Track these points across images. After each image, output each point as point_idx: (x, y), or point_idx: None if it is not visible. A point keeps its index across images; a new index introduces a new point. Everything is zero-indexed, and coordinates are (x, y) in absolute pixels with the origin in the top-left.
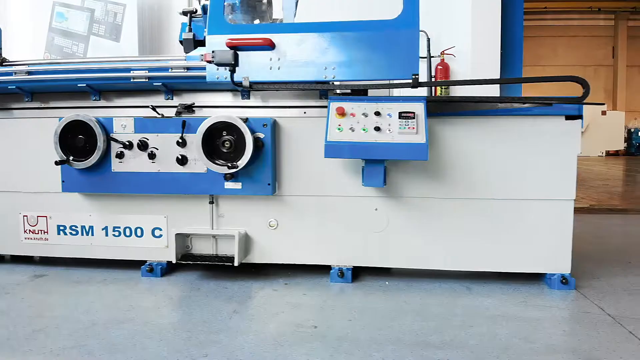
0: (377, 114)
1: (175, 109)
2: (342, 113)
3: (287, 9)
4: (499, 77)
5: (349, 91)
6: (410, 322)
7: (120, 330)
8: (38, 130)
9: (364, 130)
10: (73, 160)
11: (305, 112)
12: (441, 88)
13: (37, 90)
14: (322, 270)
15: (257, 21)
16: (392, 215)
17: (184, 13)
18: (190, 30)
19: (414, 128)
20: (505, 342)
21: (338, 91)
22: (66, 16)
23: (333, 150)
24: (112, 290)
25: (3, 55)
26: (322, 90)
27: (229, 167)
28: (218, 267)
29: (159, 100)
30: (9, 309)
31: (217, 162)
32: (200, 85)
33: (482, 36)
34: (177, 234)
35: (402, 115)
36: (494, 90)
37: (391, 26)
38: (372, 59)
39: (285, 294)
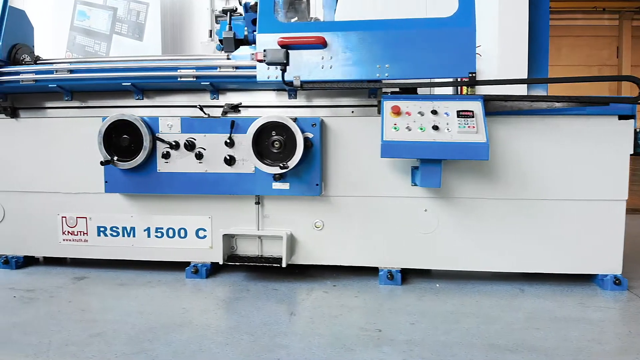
0: (434, 112)
1: (219, 109)
2: (397, 112)
3: (328, 7)
4: (544, 77)
5: (397, 90)
6: (474, 324)
7: (180, 334)
8: (77, 129)
9: (421, 129)
10: (117, 160)
11: (352, 112)
12: (467, 87)
13: (78, 89)
14: (368, 272)
15: (294, 20)
16: (442, 216)
17: (224, 12)
18: (230, 29)
19: (473, 127)
20: (577, 344)
21: (387, 90)
22: (88, 14)
23: (390, 149)
24: (160, 293)
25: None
26: (371, 89)
27: (281, 167)
28: (262, 268)
29: (204, 99)
30: (59, 313)
31: (266, 162)
32: (246, 84)
33: (509, 35)
34: (224, 235)
35: (460, 114)
36: (520, 90)
37: (447, 24)
38: (428, 57)
39: (337, 296)
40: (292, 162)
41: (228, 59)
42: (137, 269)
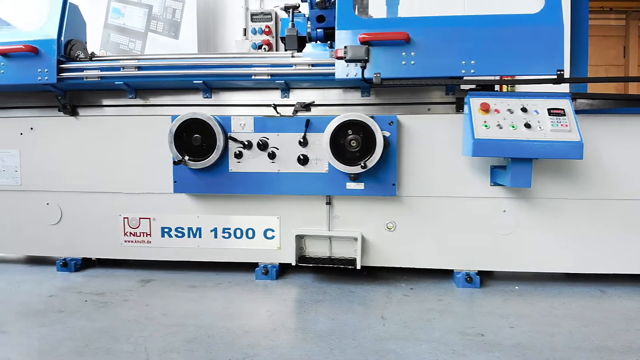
0: (524, 110)
1: (289, 108)
2: (486, 109)
3: (391, 4)
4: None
5: (474, 86)
6: (574, 327)
7: (278, 338)
8: (141, 128)
9: (512, 127)
10: (189, 160)
11: (429, 109)
12: (507, 86)
13: (145, 87)
14: (438, 274)
15: None
16: (522, 216)
17: (286, 8)
18: (293, 26)
19: (566, 125)
20: None
21: (465, 87)
22: (122, 12)
23: (481, 148)
24: (237, 295)
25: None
26: (449, 86)
27: (362, 167)
28: (329, 270)
29: (274, 97)
30: (141, 318)
31: (342, 161)
32: (319, 82)
33: None
34: (296, 235)
35: (551, 112)
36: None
37: (534, 20)
38: (515, 54)
39: (420, 300)
40: (372, 162)
41: (292, 57)
42: (200, 270)
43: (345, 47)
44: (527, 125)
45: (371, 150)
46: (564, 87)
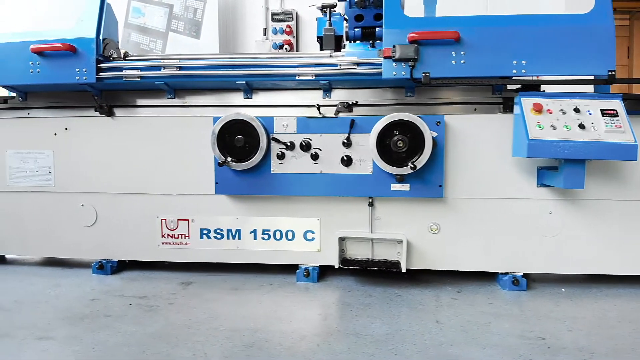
0: (577, 110)
1: (331, 108)
2: (539, 110)
3: (429, 4)
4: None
5: (519, 86)
6: (632, 329)
7: (339, 342)
8: (180, 129)
9: (566, 128)
10: (232, 161)
11: (475, 109)
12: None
13: (185, 87)
14: (482, 276)
15: None
16: (568, 218)
17: (323, 7)
18: (330, 25)
19: (620, 126)
20: None
21: (511, 86)
22: (143, 11)
23: (536, 149)
24: (282, 297)
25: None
26: (496, 87)
27: (411, 168)
28: (370, 272)
29: (314, 97)
30: (192, 322)
31: (388, 162)
32: (361, 82)
33: None
34: (340, 238)
35: (604, 113)
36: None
37: (585, 20)
38: (566, 54)
39: (469, 303)
40: (420, 162)
41: (331, 56)
42: (238, 272)
43: (394, 46)
44: (581, 126)
45: (419, 151)
46: (589, 88)
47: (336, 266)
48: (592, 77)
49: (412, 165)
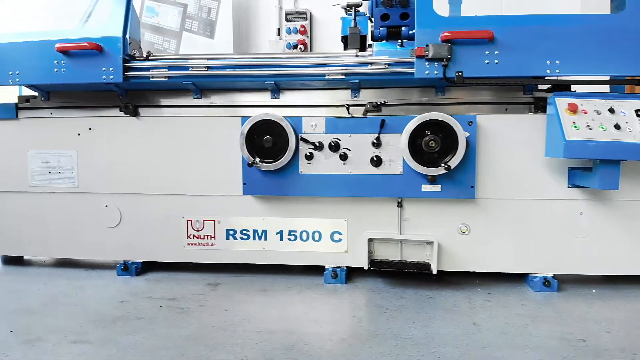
0: (611, 111)
1: (359, 108)
2: (574, 110)
3: (454, 3)
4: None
5: (549, 86)
6: None
7: (381, 346)
8: (206, 129)
9: (602, 128)
10: (260, 161)
11: (506, 109)
12: None
13: (210, 87)
14: (511, 277)
15: None
16: (598, 219)
17: (348, 6)
18: (355, 24)
19: None
20: None
21: (541, 86)
22: (157, 11)
23: (573, 149)
24: (312, 299)
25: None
26: (527, 86)
27: (445, 168)
28: (398, 274)
29: (340, 97)
30: (227, 324)
31: (419, 163)
32: (388, 82)
33: None
34: (369, 239)
35: (639, 113)
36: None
37: (620, 20)
38: (601, 55)
39: (503, 305)
40: (454, 163)
41: (357, 56)
42: (263, 273)
43: (427, 45)
44: (617, 127)
45: (451, 151)
46: (605, 88)
47: (365, 267)
48: (627, 77)
49: (446, 166)
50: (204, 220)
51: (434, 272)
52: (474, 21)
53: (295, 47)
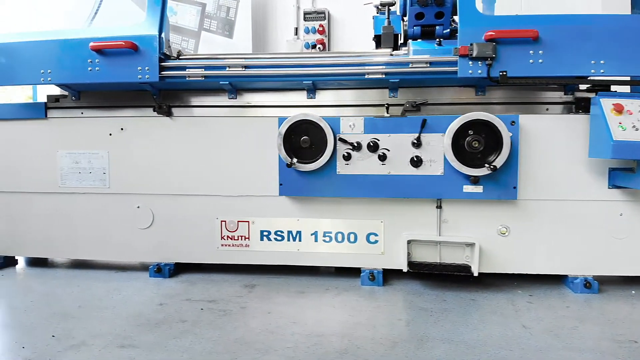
0: None
1: (398, 107)
2: (620, 110)
3: (488, 2)
4: None
5: (589, 86)
6: None
7: (437, 351)
8: (240, 129)
9: None
10: (298, 162)
11: (547, 109)
12: None
13: (246, 87)
14: (549, 279)
15: None
16: (638, 220)
17: (382, 5)
18: (389, 23)
19: None
20: None
21: (582, 86)
22: (175, 10)
23: (620, 150)
24: (354, 302)
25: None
26: (568, 86)
27: (491, 169)
28: (435, 276)
29: (376, 97)
30: (273, 327)
31: (462, 163)
32: (424, 81)
33: None
34: (408, 241)
35: None
36: None
37: None
38: None
39: (547, 306)
40: (498, 163)
41: (391, 55)
42: (297, 274)
43: (471, 44)
44: None
45: (494, 151)
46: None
47: (404, 270)
48: None
49: (492, 166)
50: (238, 221)
51: (475, 274)
52: (518, 20)
53: (313, 46)
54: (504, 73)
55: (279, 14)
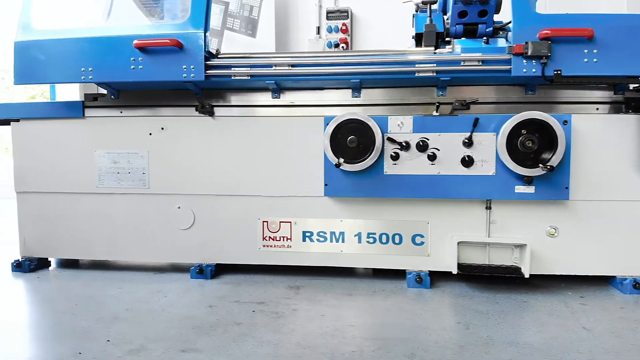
0: None
1: (447, 106)
2: None
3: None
4: None
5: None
6: None
7: (504, 354)
8: (283, 129)
9: None
10: (345, 162)
11: (597, 109)
12: None
13: (289, 86)
14: (595, 279)
15: None
16: None
17: (423, 3)
18: (431, 21)
19: None
20: None
21: (631, 86)
22: None
23: None
24: (406, 304)
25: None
26: (619, 86)
27: (547, 169)
28: (482, 278)
29: (422, 95)
30: (332, 330)
31: (515, 162)
32: (472, 79)
33: None
34: (459, 242)
35: None
36: None
37: None
38: None
39: (602, 308)
40: (554, 162)
41: (434, 53)
42: (339, 275)
43: (526, 43)
44: None
45: (546, 151)
46: None
47: (454, 272)
48: None
49: (549, 166)
50: (280, 222)
51: (526, 275)
52: (572, 19)
53: (336, 45)
54: (559, 72)
55: (301, 12)
